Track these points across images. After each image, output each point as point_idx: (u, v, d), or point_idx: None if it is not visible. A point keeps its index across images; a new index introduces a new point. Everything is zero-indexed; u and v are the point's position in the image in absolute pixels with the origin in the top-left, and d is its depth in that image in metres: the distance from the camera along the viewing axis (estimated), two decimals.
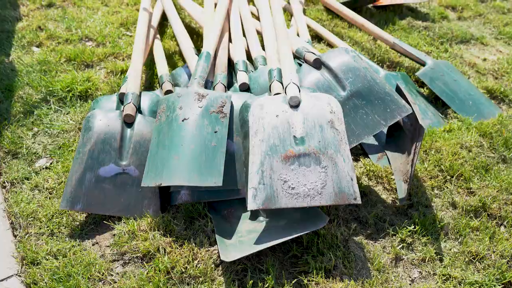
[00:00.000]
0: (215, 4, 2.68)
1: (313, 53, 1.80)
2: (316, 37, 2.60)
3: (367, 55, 2.46)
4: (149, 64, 2.26)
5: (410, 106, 1.59)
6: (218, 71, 1.82)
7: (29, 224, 1.49)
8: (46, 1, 2.79)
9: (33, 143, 1.82)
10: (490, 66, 2.43)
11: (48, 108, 1.98)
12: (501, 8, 3.10)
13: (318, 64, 1.73)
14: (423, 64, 2.23)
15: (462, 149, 1.82)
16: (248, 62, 1.96)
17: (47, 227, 1.47)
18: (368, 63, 2.19)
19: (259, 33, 2.27)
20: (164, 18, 2.57)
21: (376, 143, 1.86)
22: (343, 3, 2.72)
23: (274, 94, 1.56)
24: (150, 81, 2.19)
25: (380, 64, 2.39)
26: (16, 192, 1.60)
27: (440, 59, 2.41)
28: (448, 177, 1.70)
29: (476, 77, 2.34)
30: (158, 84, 2.11)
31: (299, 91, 1.50)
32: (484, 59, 2.51)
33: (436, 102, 2.14)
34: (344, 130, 1.43)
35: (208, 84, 1.81)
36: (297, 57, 1.87)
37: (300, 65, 1.82)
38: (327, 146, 1.38)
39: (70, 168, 1.57)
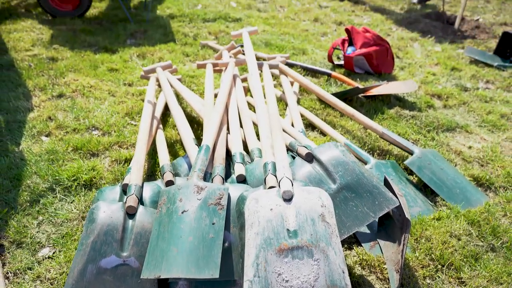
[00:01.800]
0: (215, 95, 2.89)
1: (305, 146, 1.92)
2: (310, 125, 2.75)
3: (358, 143, 2.60)
4: (152, 153, 2.38)
5: (397, 198, 1.68)
6: (217, 163, 1.93)
7: None
8: (57, 92, 2.98)
9: (37, 232, 1.88)
10: (475, 154, 2.56)
11: (53, 197, 2.06)
12: (484, 96, 3.29)
13: (310, 157, 1.85)
14: (411, 153, 2.35)
15: (451, 237, 1.88)
16: (244, 153, 2.08)
17: None
18: (359, 152, 2.32)
19: (255, 124, 2.42)
20: (167, 108, 2.74)
21: (369, 231, 1.92)
22: (334, 94, 2.91)
23: (269, 187, 1.66)
24: (152, 170, 2.30)
25: (371, 152, 2.52)
26: (18, 283, 1.64)
27: (427, 148, 2.55)
28: (439, 266, 1.75)
29: (462, 164, 2.46)
30: (159, 174, 2.22)
31: (292, 185, 1.60)
32: (470, 147, 2.64)
33: (425, 189, 2.24)
34: (335, 223, 1.50)
35: (207, 175, 1.91)
36: (291, 150, 2.00)
37: (294, 157, 1.94)
38: (319, 239, 1.45)
39: (72, 258, 1.63)
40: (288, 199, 1.55)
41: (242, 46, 3.60)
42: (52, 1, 4.25)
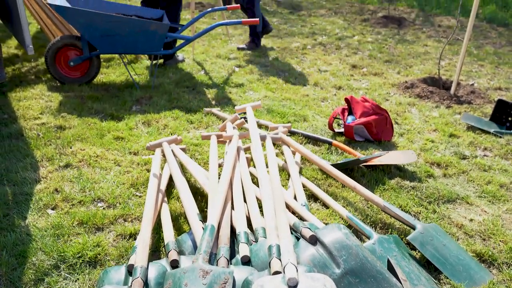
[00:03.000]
0: (220, 164, 2.95)
1: (309, 228, 1.96)
2: (312, 196, 2.79)
3: (360, 216, 2.63)
4: (156, 227, 2.41)
5: (401, 283, 1.70)
6: (222, 244, 1.95)
7: None
8: (64, 162, 3.04)
9: None
10: (477, 227, 2.58)
11: (58, 275, 2.07)
12: (482, 165, 3.36)
13: (313, 240, 1.88)
14: (413, 227, 2.38)
15: None
16: (249, 231, 2.11)
17: None
18: (361, 226, 2.34)
19: (259, 199, 2.47)
20: (172, 179, 2.79)
21: None
22: (335, 165, 2.97)
23: (274, 273, 1.68)
24: (157, 245, 2.31)
25: (373, 226, 2.54)
26: None
27: (429, 222, 2.58)
28: None
29: (464, 239, 2.48)
30: (164, 250, 2.24)
31: (297, 270, 1.62)
32: (471, 220, 2.67)
33: (429, 266, 2.24)
34: None
35: (212, 256, 1.93)
36: (295, 230, 2.03)
37: (298, 238, 1.97)
38: None
39: None
40: (293, 285, 1.57)
41: (245, 113, 3.71)
42: (61, 68, 4.41)
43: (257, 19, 4.41)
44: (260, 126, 3.79)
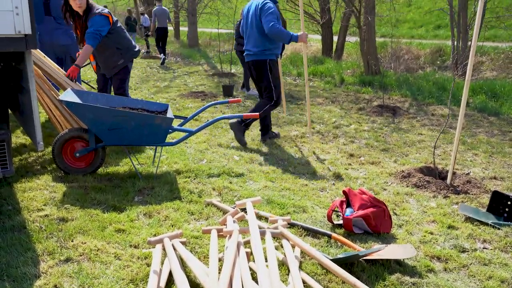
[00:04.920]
0: (219, 259, 2.96)
1: None
2: None
3: None
4: None
5: None
6: None
7: None
8: (65, 256, 3.06)
9: None
10: None
11: None
12: (482, 259, 3.36)
13: None
14: None
15: None
16: None
17: None
18: None
19: None
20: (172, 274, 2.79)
21: None
22: (335, 260, 2.98)
23: None
24: None
25: None
26: None
27: None
28: None
29: None
30: None
31: None
32: None
33: None
34: None
35: None
36: None
37: None
38: None
39: None
40: None
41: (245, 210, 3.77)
42: (67, 159, 4.55)
43: (257, 113, 4.62)
44: (260, 217, 3.84)
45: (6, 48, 3.07)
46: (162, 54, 15.92)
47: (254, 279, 2.74)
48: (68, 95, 4.45)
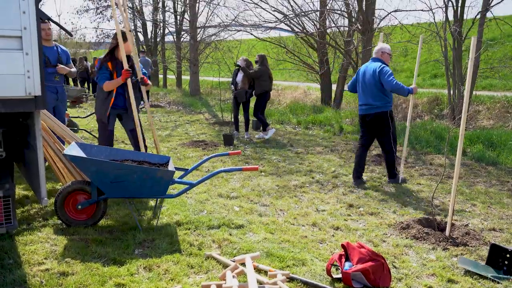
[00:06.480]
0: None
1: None
2: None
3: None
4: None
5: None
6: None
7: None
8: None
9: None
10: None
11: None
12: None
13: None
14: None
15: None
16: None
17: None
18: None
19: None
20: None
21: None
22: None
23: None
24: None
25: None
26: None
27: None
28: None
29: None
30: None
31: None
32: None
33: None
34: None
35: None
36: None
37: None
38: None
39: None
40: None
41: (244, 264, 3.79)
42: (69, 212, 4.61)
43: (257, 166, 4.71)
44: (259, 271, 3.85)
45: (16, 109, 3.21)
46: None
47: None
48: (73, 149, 4.57)
